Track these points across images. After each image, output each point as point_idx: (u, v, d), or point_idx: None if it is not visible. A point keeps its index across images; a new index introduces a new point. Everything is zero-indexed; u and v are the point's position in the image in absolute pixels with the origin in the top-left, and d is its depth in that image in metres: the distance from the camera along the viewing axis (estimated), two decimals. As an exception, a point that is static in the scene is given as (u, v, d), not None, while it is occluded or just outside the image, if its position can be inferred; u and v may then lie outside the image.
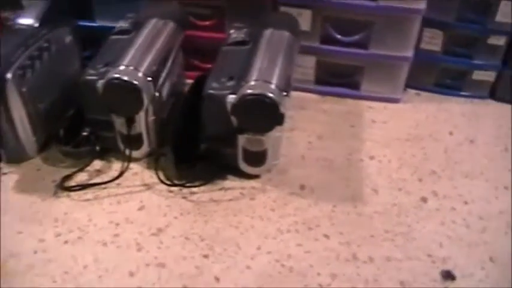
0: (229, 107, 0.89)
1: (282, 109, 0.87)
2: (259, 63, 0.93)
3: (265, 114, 0.88)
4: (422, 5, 1.07)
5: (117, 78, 0.90)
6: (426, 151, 1.10)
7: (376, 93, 1.22)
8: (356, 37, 1.15)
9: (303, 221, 0.94)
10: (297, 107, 1.18)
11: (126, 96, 0.92)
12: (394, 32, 1.12)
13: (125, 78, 0.90)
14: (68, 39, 1.11)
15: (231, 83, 0.92)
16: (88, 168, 1.02)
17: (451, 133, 1.15)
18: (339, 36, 1.15)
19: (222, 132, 0.94)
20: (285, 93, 0.88)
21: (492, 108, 1.23)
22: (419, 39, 1.17)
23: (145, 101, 0.92)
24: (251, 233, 0.92)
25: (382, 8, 1.09)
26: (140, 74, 0.92)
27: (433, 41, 1.18)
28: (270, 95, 0.86)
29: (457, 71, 1.23)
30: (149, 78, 0.93)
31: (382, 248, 0.90)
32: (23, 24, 1.06)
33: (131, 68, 0.92)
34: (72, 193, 0.98)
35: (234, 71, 0.95)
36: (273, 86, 0.87)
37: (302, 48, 1.09)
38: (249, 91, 0.87)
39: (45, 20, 1.07)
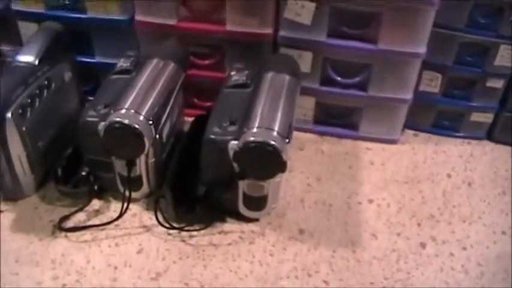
0: (231, 153, 0.89)
1: (285, 156, 0.87)
2: (260, 108, 0.93)
3: (267, 161, 0.88)
4: (422, 49, 1.08)
5: (118, 122, 0.90)
6: (424, 194, 1.10)
7: (374, 134, 1.22)
8: (356, 79, 1.15)
9: (302, 267, 0.94)
10: (296, 148, 1.19)
11: (127, 140, 0.91)
12: (394, 74, 1.12)
13: (126, 121, 0.90)
14: (68, 76, 1.11)
15: (232, 128, 0.92)
16: (86, 208, 1.02)
17: (448, 175, 1.15)
18: (338, 78, 1.15)
19: (222, 177, 0.94)
20: (287, 140, 0.88)
21: (489, 150, 1.24)
22: (418, 81, 1.17)
23: (147, 145, 0.92)
24: (250, 278, 0.92)
25: (382, 51, 1.09)
26: (141, 118, 0.91)
27: (432, 83, 1.19)
28: (273, 142, 0.86)
29: (455, 112, 1.24)
30: (150, 122, 0.92)
31: (381, 296, 0.90)
32: (23, 62, 1.05)
33: (132, 111, 0.91)
34: (70, 234, 0.98)
35: (235, 115, 0.95)
36: (275, 134, 0.87)
37: (302, 89, 1.09)
38: (252, 138, 0.87)
39: (45, 56, 1.07)
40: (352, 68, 1.14)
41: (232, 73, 1.07)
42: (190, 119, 1.14)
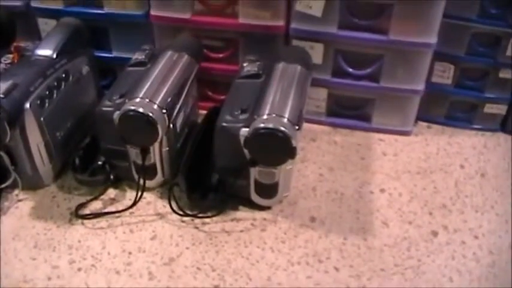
0: (242, 140, 0.91)
1: (294, 143, 0.88)
2: (271, 97, 0.94)
3: (277, 147, 0.89)
4: (433, 39, 1.09)
5: (132, 110, 0.92)
6: (436, 184, 1.11)
7: (387, 126, 1.23)
8: (367, 70, 1.16)
9: (313, 253, 0.95)
10: (308, 139, 1.20)
11: (141, 127, 0.93)
12: (405, 65, 1.13)
13: (140, 110, 0.92)
14: (85, 69, 1.13)
15: (244, 116, 0.94)
16: (102, 196, 1.04)
17: (461, 166, 1.16)
18: (350, 70, 1.16)
19: (234, 164, 0.95)
20: (297, 127, 0.90)
21: (503, 141, 1.24)
22: (430, 72, 1.18)
23: (160, 133, 0.94)
24: (262, 264, 0.93)
25: (393, 42, 1.10)
26: (155, 106, 0.94)
27: (444, 74, 1.20)
28: (283, 129, 0.87)
29: (468, 103, 1.24)
30: (164, 110, 0.94)
31: (392, 282, 0.91)
32: (41, 55, 1.08)
33: (147, 100, 0.94)
34: (86, 221, 1.00)
35: (247, 104, 0.96)
36: (285, 120, 0.89)
37: (314, 81, 1.11)
38: (262, 125, 0.88)
39: (63, 50, 1.09)
40: (363, 59, 1.15)
41: (245, 64, 1.09)
42: (205, 112, 1.16)
